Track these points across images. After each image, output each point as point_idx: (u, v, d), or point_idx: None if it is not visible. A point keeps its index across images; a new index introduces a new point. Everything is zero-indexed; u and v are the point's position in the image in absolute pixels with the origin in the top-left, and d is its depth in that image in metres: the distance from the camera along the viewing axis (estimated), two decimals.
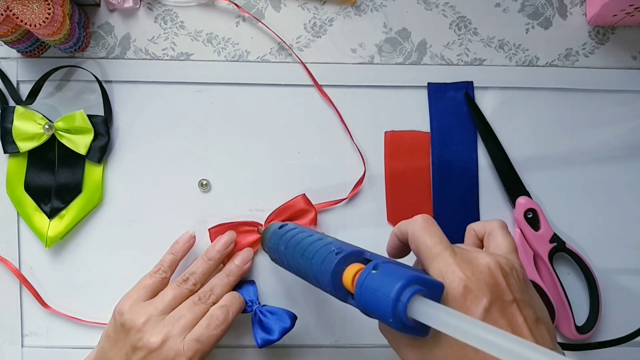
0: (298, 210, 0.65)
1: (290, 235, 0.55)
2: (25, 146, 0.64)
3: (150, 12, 0.67)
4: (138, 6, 0.67)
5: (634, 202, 0.68)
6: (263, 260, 0.66)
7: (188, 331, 0.55)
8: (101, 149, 0.65)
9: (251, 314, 0.62)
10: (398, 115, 0.68)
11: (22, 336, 0.66)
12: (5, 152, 0.65)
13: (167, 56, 0.67)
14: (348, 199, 0.67)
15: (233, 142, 0.67)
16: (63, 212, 0.65)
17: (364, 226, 0.67)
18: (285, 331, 0.60)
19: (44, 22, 0.56)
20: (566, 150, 0.68)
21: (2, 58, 0.66)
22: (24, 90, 0.66)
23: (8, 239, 0.66)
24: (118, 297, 0.58)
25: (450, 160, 0.67)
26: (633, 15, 0.64)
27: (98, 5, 0.67)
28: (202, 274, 0.60)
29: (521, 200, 0.66)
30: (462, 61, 0.68)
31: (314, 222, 0.65)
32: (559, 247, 0.66)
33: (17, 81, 0.66)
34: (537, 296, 0.45)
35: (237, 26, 0.68)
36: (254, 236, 0.65)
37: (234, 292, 0.61)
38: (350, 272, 0.43)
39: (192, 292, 0.59)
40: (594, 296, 0.66)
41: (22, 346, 0.66)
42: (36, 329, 0.67)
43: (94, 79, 0.66)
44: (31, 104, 0.65)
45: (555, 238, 0.66)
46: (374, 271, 0.41)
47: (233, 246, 0.64)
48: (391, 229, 0.52)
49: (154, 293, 0.59)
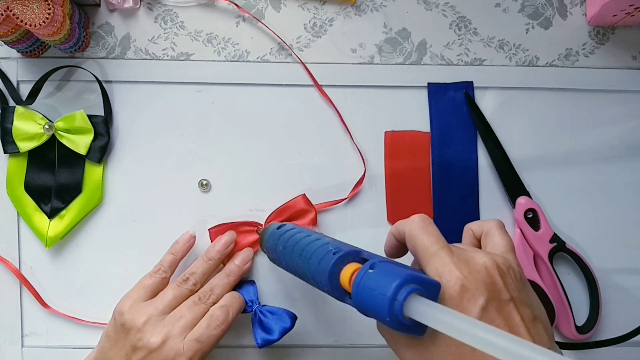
0: (298, 210, 0.65)
1: (288, 235, 0.55)
2: (25, 146, 0.64)
3: (150, 12, 0.67)
4: (138, 6, 0.67)
5: (634, 202, 0.68)
6: (263, 260, 0.66)
7: (188, 331, 0.55)
8: (101, 149, 0.65)
9: (251, 314, 0.62)
10: (398, 115, 0.68)
11: (22, 336, 0.67)
12: (5, 152, 0.65)
13: (167, 56, 0.67)
14: (348, 199, 0.67)
15: (233, 142, 0.67)
16: (63, 212, 0.65)
17: (364, 226, 0.67)
18: (285, 331, 0.60)
19: (44, 22, 0.56)
20: (566, 150, 0.68)
21: (2, 58, 0.67)
22: (24, 90, 0.66)
23: (8, 239, 0.66)
24: (118, 297, 0.58)
25: (450, 160, 0.67)
26: (633, 15, 0.64)
27: (98, 5, 0.67)
28: (202, 274, 0.61)
29: (521, 200, 0.66)
30: (462, 61, 0.68)
31: (314, 222, 0.65)
32: (559, 247, 0.66)
33: (17, 81, 0.66)
34: (535, 295, 0.45)
35: (237, 26, 0.68)
36: (254, 236, 0.65)
37: (234, 292, 0.61)
38: (347, 272, 0.43)
39: (192, 292, 0.59)
40: (594, 296, 0.66)
41: (22, 346, 0.66)
42: (36, 329, 0.67)
43: (94, 79, 0.66)
44: (31, 104, 0.65)
45: (555, 238, 0.66)
46: (371, 270, 0.41)
47: (233, 246, 0.64)
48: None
49: (154, 293, 0.59)
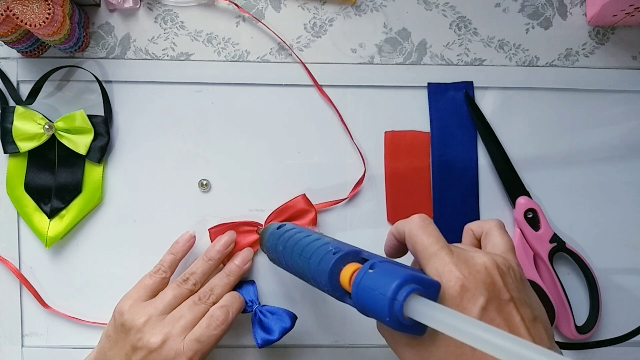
0: (298, 210, 0.65)
1: (288, 235, 0.55)
2: (25, 146, 0.64)
3: (150, 12, 0.67)
4: (138, 6, 0.67)
5: (634, 202, 0.68)
6: (263, 260, 0.66)
7: (188, 331, 0.55)
8: (101, 149, 0.65)
9: (251, 314, 0.62)
10: (398, 115, 0.68)
11: (22, 336, 0.67)
12: (5, 152, 0.65)
13: (167, 56, 0.67)
14: (348, 199, 0.67)
15: (233, 142, 0.67)
16: (63, 212, 0.65)
17: (364, 226, 0.67)
18: (285, 331, 0.60)
19: (44, 22, 0.56)
20: (566, 150, 0.68)
21: (2, 58, 0.67)
22: (24, 90, 0.66)
23: (8, 239, 0.66)
24: (118, 297, 0.58)
25: (450, 160, 0.67)
26: (633, 15, 0.64)
27: (98, 5, 0.67)
28: (202, 274, 0.61)
29: (521, 200, 0.66)
30: (462, 61, 0.68)
31: (314, 222, 0.65)
32: (559, 247, 0.66)
33: (17, 81, 0.66)
34: (535, 295, 0.44)
35: (237, 26, 0.68)
36: (254, 236, 0.65)
37: (234, 292, 0.61)
38: (347, 272, 0.43)
39: (192, 292, 0.59)
40: (594, 296, 0.66)
41: (22, 346, 0.66)
42: (36, 329, 0.67)
43: (94, 79, 0.66)
44: (31, 104, 0.65)
45: (555, 238, 0.66)
46: (371, 270, 0.41)
47: (233, 246, 0.64)
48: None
49: (154, 293, 0.59)
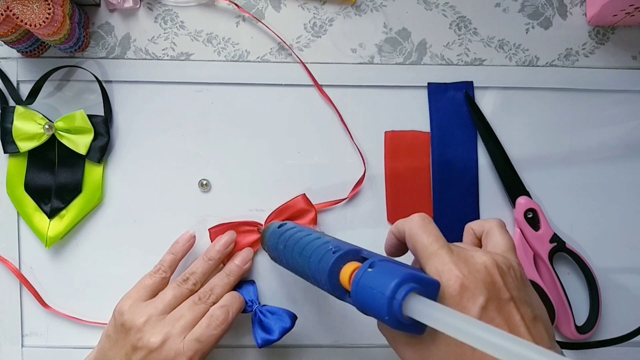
0: (298, 210, 0.65)
1: (289, 234, 0.55)
2: (25, 146, 0.64)
3: (150, 12, 0.67)
4: (138, 6, 0.67)
5: (634, 202, 0.68)
6: (263, 260, 0.66)
7: (188, 331, 0.55)
8: (101, 149, 0.65)
9: (251, 314, 0.62)
10: (398, 115, 0.68)
11: (22, 336, 0.66)
12: (5, 152, 0.65)
13: (167, 56, 0.67)
14: (348, 199, 0.67)
15: (233, 142, 0.67)
16: (63, 212, 0.65)
17: (364, 226, 0.67)
18: (285, 331, 0.60)
19: (44, 22, 0.56)
20: (566, 150, 0.68)
21: (2, 58, 0.67)
22: (24, 90, 0.66)
23: (8, 239, 0.66)
24: (118, 297, 0.58)
25: (450, 160, 0.67)
26: (633, 15, 0.64)
27: (98, 5, 0.67)
28: (202, 274, 0.60)
29: (521, 200, 0.66)
30: (462, 61, 0.68)
31: (314, 222, 0.65)
32: (559, 247, 0.66)
33: (17, 81, 0.66)
34: (535, 295, 0.44)
35: (237, 26, 0.68)
36: (254, 236, 0.65)
37: (234, 292, 0.61)
38: (347, 271, 0.43)
39: (192, 292, 0.59)
40: (594, 296, 0.66)
41: (22, 346, 0.66)
42: (36, 329, 0.67)
43: (94, 79, 0.66)
44: (31, 104, 0.65)
45: (555, 238, 0.66)
46: (370, 269, 0.41)
47: (233, 246, 0.64)
48: None
49: (154, 293, 0.59)
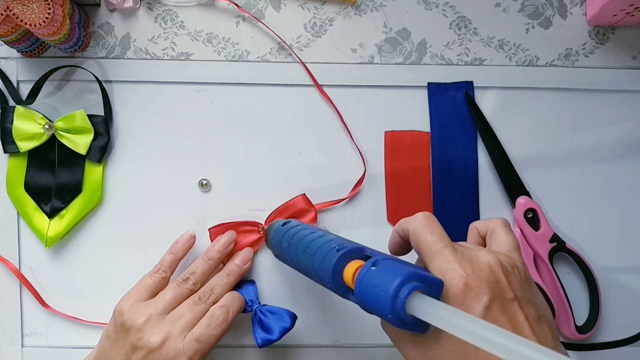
0: (298, 210, 0.65)
1: (292, 232, 0.55)
2: (25, 146, 0.64)
3: (150, 12, 0.67)
4: (138, 6, 0.67)
5: (634, 202, 0.68)
6: (263, 260, 0.66)
7: (188, 331, 0.55)
8: (101, 149, 0.65)
9: (251, 314, 0.62)
10: (398, 115, 0.68)
11: (22, 336, 0.66)
12: (5, 152, 0.65)
13: (167, 56, 0.67)
14: (348, 199, 0.67)
15: (233, 142, 0.67)
16: (63, 212, 0.65)
17: (364, 226, 0.67)
18: (285, 331, 0.60)
19: (44, 22, 0.56)
20: (566, 150, 0.68)
21: (2, 58, 0.66)
22: (24, 90, 0.66)
23: (8, 239, 0.66)
24: (118, 297, 0.58)
25: (450, 160, 0.67)
26: (633, 15, 0.64)
27: (98, 5, 0.67)
28: (202, 274, 0.60)
29: (521, 200, 0.66)
30: (462, 61, 0.68)
31: (314, 222, 0.65)
32: (559, 247, 0.66)
33: (17, 81, 0.66)
34: (540, 294, 0.44)
35: (237, 26, 0.68)
36: (254, 236, 0.65)
37: (234, 292, 0.61)
38: (350, 269, 0.43)
39: (192, 292, 0.59)
40: (594, 296, 0.66)
41: (22, 346, 0.66)
42: (36, 329, 0.66)
43: (94, 79, 0.66)
44: (31, 104, 0.65)
45: (555, 238, 0.66)
46: (374, 268, 0.41)
47: (233, 246, 0.64)
48: (391, 229, 0.52)
49: (154, 293, 0.59)
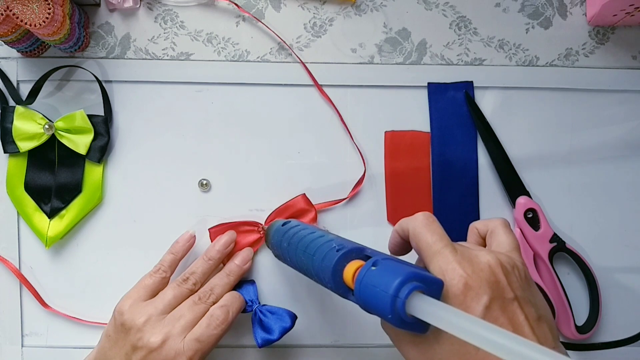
0: (298, 210, 0.65)
1: (293, 232, 0.55)
2: (25, 146, 0.64)
3: (150, 12, 0.67)
4: (138, 6, 0.67)
5: (634, 202, 0.68)
6: (263, 260, 0.66)
7: (188, 331, 0.55)
8: (101, 149, 0.65)
9: (251, 314, 0.62)
10: (398, 115, 0.68)
11: (22, 336, 0.66)
12: (5, 152, 0.65)
13: (167, 56, 0.67)
14: (348, 199, 0.67)
15: (233, 142, 0.67)
16: (63, 212, 0.65)
17: (364, 226, 0.67)
18: (285, 331, 0.60)
19: (44, 22, 0.56)
20: (566, 150, 0.68)
21: (2, 58, 0.66)
22: (24, 90, 0.66)
23: (8, 239, 0.66)
24: (118, 297, 0.58)
25: (450, 160, 0.67)
26: (633, 15, 0.64)
27: (98, 5, 0.67)
28: (202, 274, 0.60)
29: (521, 200, 0.66)
30: (462, 61, 0.68)
31: (314, 222, 0.65)
32: (559, 247, 0.66)
33: (17, 81, 0.66)
34: (540, 294, 0.44)
35: (237, 26, 0.68)
36: (254, 236, 0.65)
37: (234, 292, 0.61)
38: (350, 269, 0.43)
39: (192, 292, 0.59)
40: (594, 296, 0.66)
41: (22, 346, 0.66)
42: (36, 329, 0.66)
43: (94, 79, 0.66)
44: (31, 104, 0.65)
45: (555, 238, 0.66)
46: (374, 268, 0.41)
47: (233, 246, 0.64)
48: (391, 229, 0.52)
49: (154, 293, 0.59)
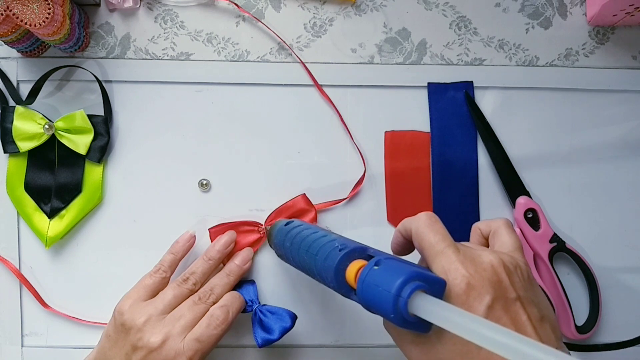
0: (298, 210, 0.65)
1: (295, 232, 0.55)
2: (25, 146, 0.64)
3: (150, 12, 0.67)
4: (138, 6, 0.67)
5: (634, 202, 0.68)
6: (263, 260, 0.66)
7: (188, 331, 0.55)
8: (101, 149, 0.65)
9: (251, 314, 0.62)
10: (398, 115, 0.68)
11: (22, 336, 0.66)
12: (5, 152, 0.65)
13: (167, 56, 0.67)
14: (348, 199, 0.67)
15: (233, 142, 0.67)
16: (63, 212, 0.65)
17: (364, 226, 0.67)
18: (285, 331, 0.60)
19: (44, 22, 0.56)
20: (566, 150, 0.68)
21: (2, 58, 0.66)
22: (24, 90, 0.66)
23: (8, 239, 0.66)
24: (118, 297, 0.58)
25: (450, 160, 0.67)
26: (633, 15, 0.64)
27: (98, 5, 0.67)
28: (202, 274, 0.60)
29: (521, 200, 0.66)
30: (462, 61, 0.68)
31: (314, 222, 0.65)
32: (559, 247, 0.66)
33: (17, 81, 0.66)
34: (543, 294, 0.44)
35: (237, 26, 0.68)
36: (254, 236, 0.65)
37: (234, 292, 0.61)
38: (353, 268, 0.43)
39: (192, 292, 0.59)
40: (594, 296, 0.66)
41: (22, 346, 0.66)
42: (36, 329, 0.66)
43: (94, 79, 0.66)
44: (31, 104, 0.65)
45: (555, 238, 0.66)
46: (376, 267, 0.41)
47: (233, 246, 0.64)
48: (391, 229, 0.52)
49: (154, 293, 0.59)
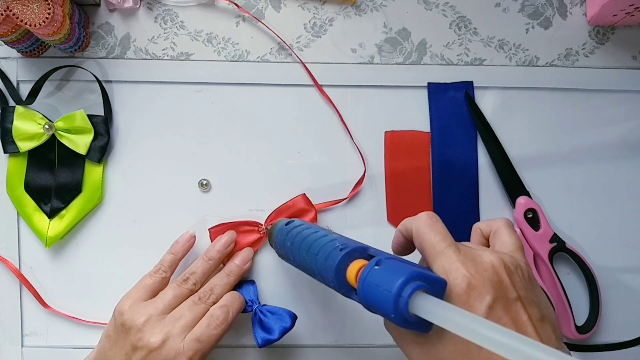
0: (298, 210, 0.65)
1: (296, 231, 0.55)
2: (25, 146, 0.64)
3: (150, 12, 0.67)
4: (138, 6, 0.67)
5: (634, 202, 0.68)
6: (263, 260, 0.66)
7: (188, 331, 0.55)
8: (101, 149, 0.65)
9: (251, 314, 0.62)
10: (398, 115, 0.68)
11: (22, 336, 0.66)
12: (5, 152, 0.65)
13: (167, 56, 0.67)
14: (348, 199, 0.67)
15: (233, 142, 0.67)
16: (63, 212, 0.65)
17: (364, 226, 0.67)
18: (285, 331, 0.60)
19: (44, 22, 0.56)
20: (566, 150, 0.68)
21: (2, 58, 0.66)
22: (24, 90, 0.66)
23: (8, 239, 0.66)
24: (118, 297, 0.58)
25: (450, 160, 0.67)
26: (633, 15, 0.65)
27: (98, 5, 0.67)
28: (202, 274, 0.60)
29: (521, 200, 0.66)
30: (462, 61, 0.68)
31: (314, 222, 0.65)
32: (559, 247, 0.66)
33: (17, 81, 0.66)
34: (543, 295, 0.44)
35: (237, 26, 0.68)
36: (254, 236, 0.65)
37: (234, 292, 0.61)
38: (353, 268, 0.43)
39: (192, 292, 0.59)
40: (594, 296, 0.66)
41: (22, 346, 0.66)
42: (36, 329, 0.66)
43: (94, 79, 0.66)
44: (31, 104, 0.65)
45: (555, 238, 0.66)
46: (377, 267, 0.41)
47: (233, 246, 0.64)
48: (391, 229, 0.52)
49: (154, 293, 0.59)
